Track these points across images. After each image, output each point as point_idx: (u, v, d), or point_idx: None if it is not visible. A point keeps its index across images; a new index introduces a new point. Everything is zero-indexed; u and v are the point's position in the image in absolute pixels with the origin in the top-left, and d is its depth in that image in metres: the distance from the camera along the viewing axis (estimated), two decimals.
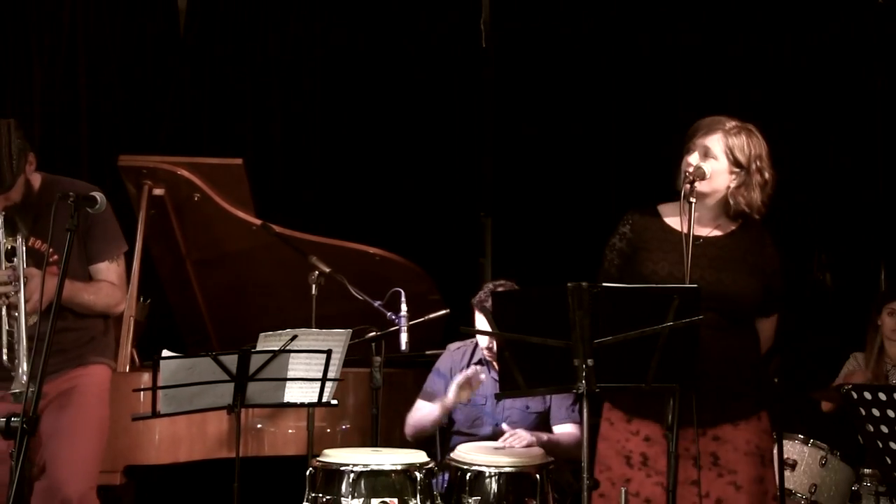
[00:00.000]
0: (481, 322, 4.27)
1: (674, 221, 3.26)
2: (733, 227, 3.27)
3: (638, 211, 3.34)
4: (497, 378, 4.26)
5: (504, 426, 4.25)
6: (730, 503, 3.13)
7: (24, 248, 3.32)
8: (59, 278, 3.04)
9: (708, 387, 3.11)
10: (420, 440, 4.40)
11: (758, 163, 3.21)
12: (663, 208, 3.28)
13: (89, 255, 3.52)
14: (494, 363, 4.31)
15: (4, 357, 3.24)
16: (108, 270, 3.57)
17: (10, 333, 3.25)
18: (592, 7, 6.25)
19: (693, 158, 3.22)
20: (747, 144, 3.22)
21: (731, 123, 3.25)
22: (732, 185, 3.22)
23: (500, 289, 4.33)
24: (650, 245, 3.23)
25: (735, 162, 3.20)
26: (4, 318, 3.26)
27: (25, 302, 3.24)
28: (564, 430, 4.31)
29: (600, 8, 6.25)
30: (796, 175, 3.41)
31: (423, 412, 4.40)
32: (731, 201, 3.23)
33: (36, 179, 3.44)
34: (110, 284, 3.57)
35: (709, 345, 3.12)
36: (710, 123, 3.28)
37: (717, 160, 3.21)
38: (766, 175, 3.23)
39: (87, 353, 3.56)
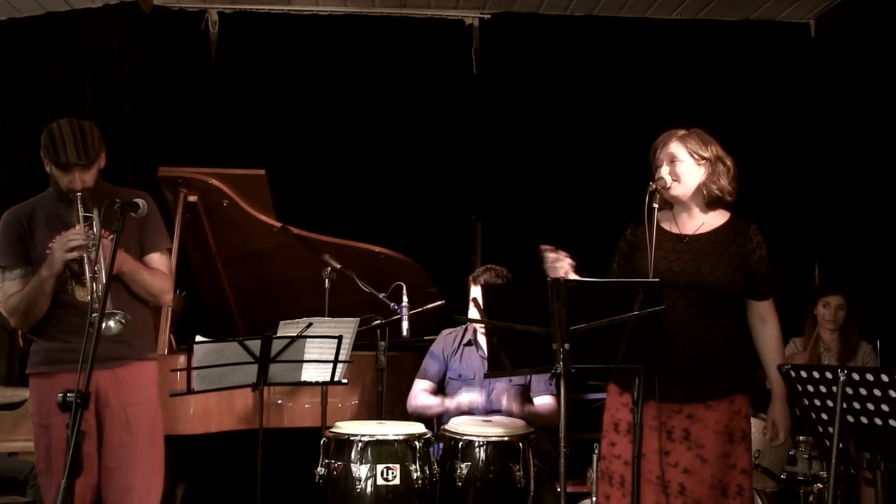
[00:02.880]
0: (476, 292, 4.23)
1: (666, 225, 3.26)
2: (720, 224, 3.23)
3: (638, 217, 3.28)
4: (484, 356, 4.27)
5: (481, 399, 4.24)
6: (695, 473, 3.11)
7: (99, 220, 3.23)
8: (106, 277, 3.01)
9: (682, 367, 3.12)
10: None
11: (717, 153, 3.22)
12: (660, 214, 3.23)
13: (143, 246, 3.45)
14: (482, 343, 4.32)
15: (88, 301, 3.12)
16: (161, 261, 3.51)
17: (94, 280, 3.13)
18: (569, 38, 6.26)
19: (664, 171, 3.21)
20: (701, 141, 3.22)
21: (681, 131, 3.26)
22: (704, 177, 3.20)
23: (490, 273, 4.34)
24: (644, 245, 3.15)
25: (699, 157, 3.20)
26: (89, 263, 3.16)
27: (96, 263, 3.15)
28: (543, 401, 4.31)
29: (576, 38, 6.27)
30: (743, 183, 3.39)
31: (426, 402, 4.34)
32: (705, 191, 3.21)
33: (99, 180, 3.40)
34: (163, 273, 3.50)
35: (685, 329, 3.14)
36: (665, 137, 3.28)
37: (684, 162, 3.21)
38: (728, 162, 3.23)
39: (143, 346, 3.48)
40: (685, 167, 3.21)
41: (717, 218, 3.25)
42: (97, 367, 3.20)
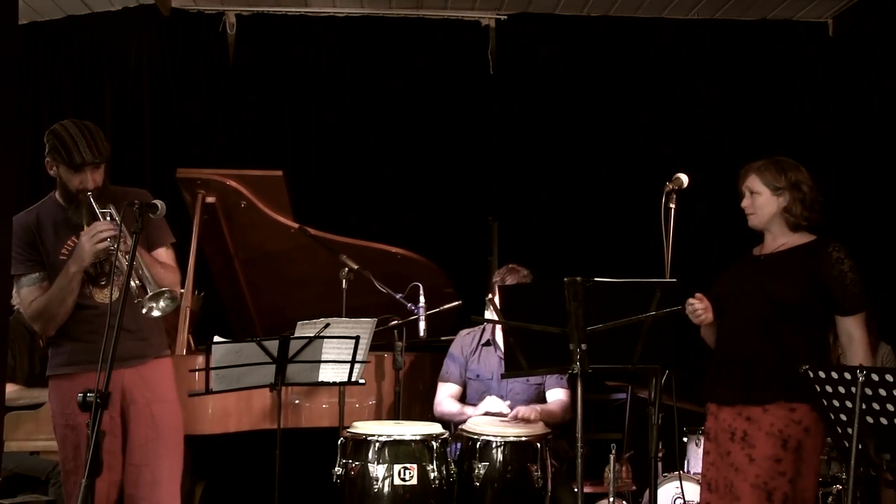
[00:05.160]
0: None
1: (756, 249, 3.40)
2: (800, 244, 3.29)
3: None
4: (502, 357, 4.26)
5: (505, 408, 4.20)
6: (742, 471, 3.15)
7: (118, 214, 3.21)
8: (125, 280, 3.01)
9: (733, 370, 3.21)
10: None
11: (792, 180, 3.28)
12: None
13: (150, 242, 3.43)
14: (501, 342, 4.32)
15: (132, 285, 3.12)
16: (167, 256, 3.51)
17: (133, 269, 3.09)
18: (585, 38, 6.25)
19: (745, 201, 3.36)
20: (777, 171, 3.30)
21: (758, 163, 3.36)
22: (781, 206, 3.29)
23: (515, 275, 4.33)
24: (733, 266, 3.40)
25: (774, 189, 3.28)
26: (119, 258, 3.15)
27: (126, 252, 3.12)
28: (555, 395, 4.31)
29: (593, 39, 6.25)
30: None
31: (451, 409, 4.32)
32: (783, 219, 3.30)
33: (106, 179, 3.39)
34: (172, 267, 3.50)
35: (740, 337, 3.22)
36: (745, 170, 3.39)
37: (761, 194, 3.31)
38: (804, 188, 3.29)
39: (159, 343, 3.49)
40: (761, 199, 3.31)
41: (799, 239, 3.32)
42: (121, 366, 3.23)
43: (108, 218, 3.23)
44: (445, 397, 4.40)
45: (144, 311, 3.08)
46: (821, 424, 3.13)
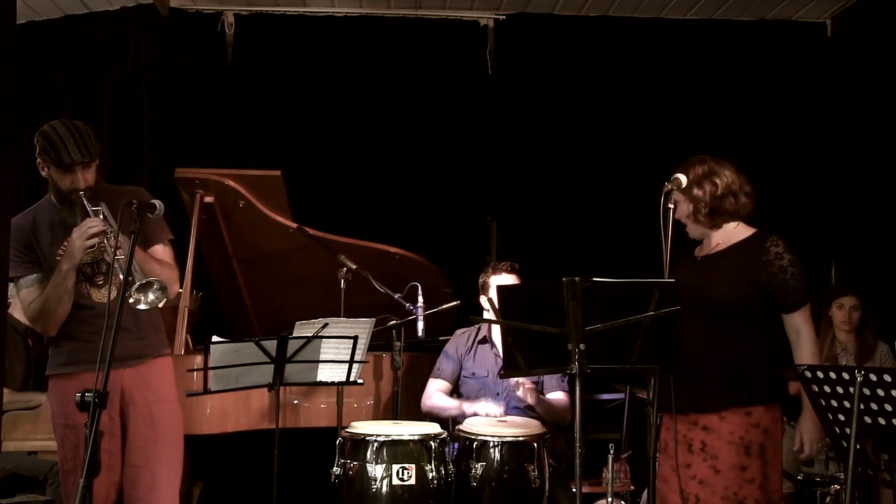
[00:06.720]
0: (504, 279, 4.30)
1: (697, 250, 3.37)
2: (736, 241, 3.24)
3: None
4: (498, 354, 4.27)
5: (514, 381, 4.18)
6: (708, 483, 3.11)
7: (108, 211, 3.23)
8: (123, 280, 3.00)
9: (686, 377, 3.14)
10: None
11: (694, 176, 3.24)
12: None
13: (147, 239, 3.41)
14: (496, 340, 4.32)
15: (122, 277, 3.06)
16: (164, 253, 3.48)
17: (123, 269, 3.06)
18: (584, 38, 6.25)
19: (676, 213, 3.29)
20: (682, 175, 3.26)
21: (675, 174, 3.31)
22: (693, 204, 3.25)
23: (503, 271, 4.35)
24: (677, 265, 3.28)
25: (686, 193, 3.25)
26: (110, 253, 3.14)
27: (117, 248, 3.12)
28: (556, 396, 4.30)
29: (591, 39, 6.26)
30: (761, 185, 3.39)
31: (442, 403, 4.32)
32: (697, 217, 3.26)
33: (99, 178, 3.38)
34: (169, 264, 3.47)
35: (689, 341, 3.15)
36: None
37: (679, 202, 3.27)
38: (698, 191, 3.23)
39: (159, 343, 3.48)
40: (682, 207, 3.27)
41: (736, 235, 3.26)
42: (121, 366, 3.23)
43: (101, 216, 3.23)
44: (435, 392, 4.39)
45: (131, 301, 3.05)
46: (778, 424, 3.14)
